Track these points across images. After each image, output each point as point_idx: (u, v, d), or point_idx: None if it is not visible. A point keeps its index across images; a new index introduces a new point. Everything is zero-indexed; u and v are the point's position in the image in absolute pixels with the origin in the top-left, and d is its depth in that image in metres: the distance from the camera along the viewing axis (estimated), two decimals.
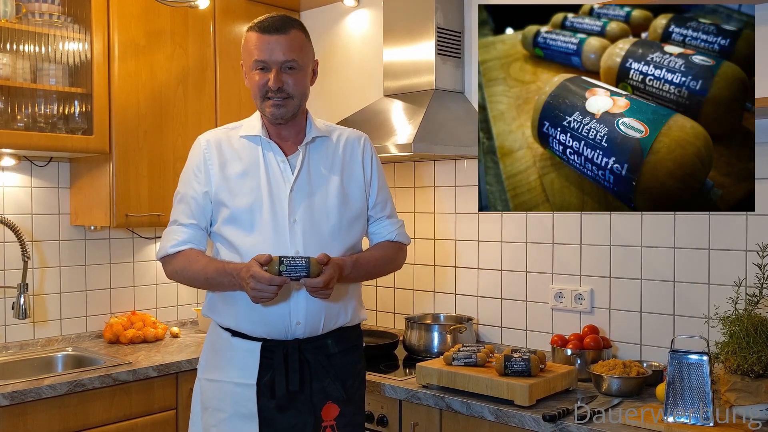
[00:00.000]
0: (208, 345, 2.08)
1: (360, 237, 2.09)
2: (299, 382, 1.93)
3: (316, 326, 1.95)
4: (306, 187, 1.99)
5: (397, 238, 2.15)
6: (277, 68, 1.92)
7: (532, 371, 2.19)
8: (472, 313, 3.03)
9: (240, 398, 1.93)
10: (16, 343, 2.95)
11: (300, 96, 1.97)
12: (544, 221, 2.81)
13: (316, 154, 2.04)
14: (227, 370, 1.97)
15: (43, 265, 3.05)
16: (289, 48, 1.93)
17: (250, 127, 2.04)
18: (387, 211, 2.15)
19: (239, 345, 1.97)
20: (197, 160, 2.02)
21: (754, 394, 1.92)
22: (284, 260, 1.80)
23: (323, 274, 1.82)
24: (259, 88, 1.95)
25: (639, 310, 2.57)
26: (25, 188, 3.01)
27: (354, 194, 2.05)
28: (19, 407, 2.35)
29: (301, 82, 1.97)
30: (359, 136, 2.14)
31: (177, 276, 2.02)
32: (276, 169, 1.99)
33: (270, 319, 1.93)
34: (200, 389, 2.05)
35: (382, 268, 2.14)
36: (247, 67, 1.98)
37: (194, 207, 2.00)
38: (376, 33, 3.33)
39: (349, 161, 2.07)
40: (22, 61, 2.74)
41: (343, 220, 2.01)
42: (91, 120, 2.85)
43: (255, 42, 1.94)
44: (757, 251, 2.11)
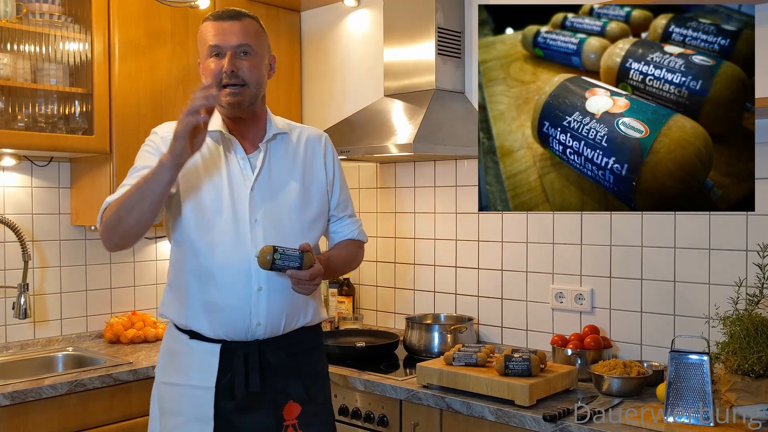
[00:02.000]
0: (165, 347, 2.03)
1: (319, 237, 2.07)
2: (260, 383, 1.90)
3: (277, 327, 1.93)
4: (267, 186, 1.96)
5: (358, 236, 2.17)
6: (231, 53, 1.90)
7: (533, 371, 2.19)
8: (473, 313, 3.03)
9: (198, 402, 1.90)
10: (17, 343, 2.95)
11: (256, 84, 1.94)
12: (545, 221, 2.81)
13: (277, 152, 2.02)
14: (186, 373, 1.93)
15: (43, 265, 3.05)
16: (243, 33, 1.92)
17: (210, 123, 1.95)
18: (348, 210, 2.16)
19: (198, 347, 1.93)
20: (158, 142, 1.97)
21: (755, 394, 1.92)
22: (278, 249, 1.77)
23: (312, 268, 1.80)
24: (215, 75, 1.90)
25: (639, 310, 2.57)
26: (25, 188, 3.01)
27: (315, 194, 2.04)
28: (19, 407, 2.35)
29: (256, 69, 1.94)
30: (320, 135, 2.13)
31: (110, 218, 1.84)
32: (236, 167, 1.95)
33: (229, 321, 1.90)
34: (158, 393, 2.01)
35: (346, 267, 2.17)
36: (203, 58, 1.96)
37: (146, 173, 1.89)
38: (376, 33, 3.33)
39: (310, 160, 2.06)
40: (23, 61, 2.74)
41: (304, 220, 2.00)
42: (92, 120, 2.85)
43: (209, 30, 1.93)
44: (757, 251, 2.11)
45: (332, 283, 3.40)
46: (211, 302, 1.91)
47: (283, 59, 3.51)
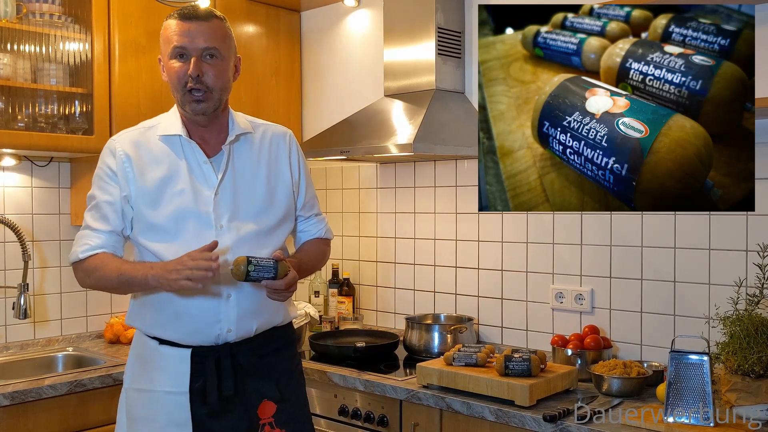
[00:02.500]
0: (134, 354, 2.00)
1: (286, 238, 2.05)
2: (234, 386, 1.88)
3: (248, 331, 1.92)
4: (231, 189, 1.91)
5: (326, 235, 2.16)
6: (197, 56, 1.84)
7: (533, 371, 2.19)
8: (473, 313, 3.03)
9: (173, 406, 1.88)
10: (17, 343, 2.95)
11: (220, 89, 1.88)
12: (545, 221, 2.81)
13: (240, 153, 1.96)
14: (157, 379, 1.90)
15: (43, 265, 3.05)
16: (210, 35, 1.85)
17: (168, 126, 1.94)
18: (315, 209, 2.14)
19: (168, 353, 1.90)
20: (113, 165, 1.91)
21: (755, 395, 1.92)
22: (252, 260, 1.74)
23: (287, 276, 1.78)
24: (179, 78, 1.85)
25: (639, 310, 2.57)
26: (25, 188, 3.01)
27: (281, 195, 2.00)
28: (19, 407, 2.35)
29: (222, 74, 1.88)
30: (284, 132, 2.08)
31: (88, 278, 1.89)
32: (199, 172, 1.90)
33: (200, 329, 1.87)
34: (127, 400, 1.97)
35: (316, 267, 2.16)
36: (165, 57, 1.89)
37: (109, 212, 1.90)
38: (376, 33, 3.33)
39: (275, 159, 2.02)
40: (23, 61, 2.74)
41: (271, 222, 1.96)
42: (92, 120, 2.85)
43: (174, 29, 1.86)
44: (757, 251, 2.11)
45: (332, 283, 3.40)
46: (180, 312, 1.88)
47: (283, 59, 3.51)
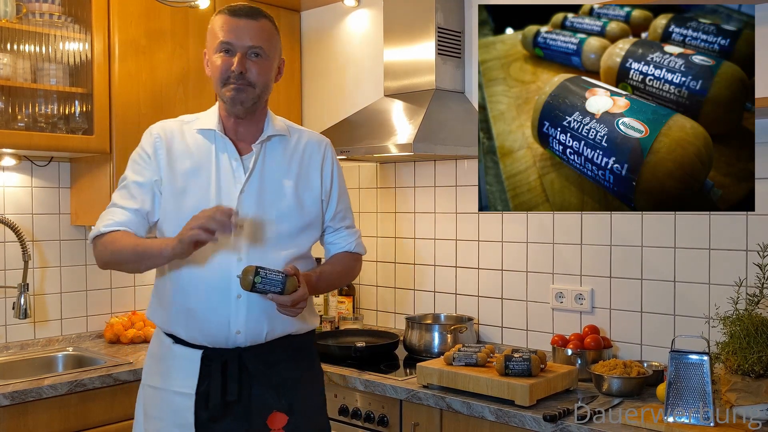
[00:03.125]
0: (151, 350, 2.01)
1: (309, 246, 2.00)
2: (239, 392, 1.86)
3: (258, 335, 1.88)
4: (257, 190, 1.90)
5: (356, 249, 2.09)
6: (242, 53, 1.85)
7: (533, 371, 2.19)
8: (473, 313, 3.03)
9: (179, 407, 1.87)
10: (17, 343, 2.95)
11: (262, 87, 1.89)
12: (545, 221, 2.81)
13: (272, 154, 1.95)
14: (168, 378, 1.91)
15: (43, 265, 3.05)
16: (257, 34, 1.86)
17: (206, 121, 1.95)
18: (347, 221, 2.09)
19: (180, 352, 1.90)
20: (148, 149, 1.94)
21: (755, 394, 1.92)
22: (261, 271, 1.71)
23: (295, 293, 1.75)
24: (222, 72, 1.86)
25: (639, 310, 2.57)
26: (25, 188, 3.01)
27: (308, 201, 1.97)
28: (19, 407, 2.35)
29: (266, 72, 1.89)
30: (320, 140, 2.05)
31: (105, 252, 1.88)
32: (227, 168, 1.90)
33: (208, 327, 1.86)
34: (143, 396, 1.99)
35: (341, 281, 2.12)
36: (210, 51, 1.90)
37: (137, 192, 1.90)
38: (376, 33, 3.33)
39: (306, 166, 1.99)
40: (23, 61, 2.74)
41: (293, 228, 1.93)
42: (92, 120, 2.85)
43: (222, 24, 1.86)
44: (757, 251, 2.11)
45: None
46: (191, 309, 1.87)
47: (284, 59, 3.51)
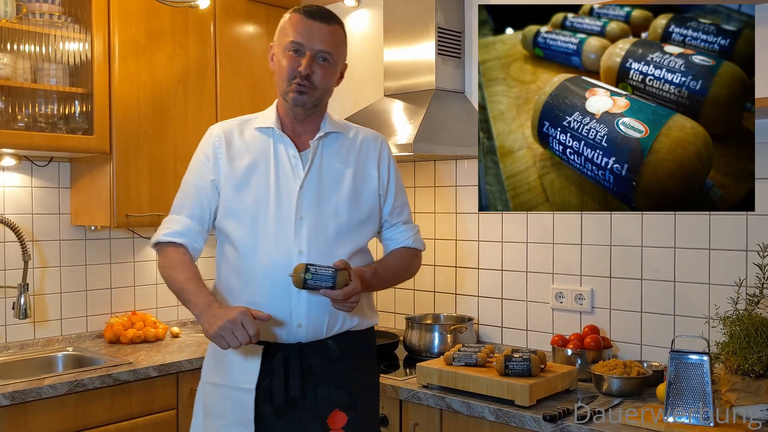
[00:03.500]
0: (211, 348, 2.02)
1: (367, 240, 2.02)
2: (301, 388, 1.87)
3: (319, 329, 1.89)
4: (316, 184, 1.93)
5: (413, 244, 2.11)
6: (311, 55, 1.88)
7: (533, 371, 2.19)
8: (473, 313, 3.03)
9: (239, 404, 1.88)
10: (17, 343, 2.95)
11: (324, 90, 1.93)
12: (544, 221, 2.81)
13: (330, 150, 1.98)
14: (228, 374, 1.92)
15: (43, 265, 3.05)
16: (329, 39, 1.90)
17: (264, 119, 1.99)
18: (404, 216, 2.10)
19: (241, 348, 1.88)
20: (207, 150, 1.98)
21: (755, 395, 1.92)
22: (311, 268, 1.73)
23: (347, 287, 1.76)
24: (289, 72, 1.89)
25: (639, 310, 2.57)
26: (25, 188, 3.01)
27: (366, 196, 2.00)
28: (19, 407, 2.35)
29: (330, 77, 1.93)
30: (376, 136, 2.08)
31: (162, 270, 1.96)
32: (287, 164, 1.93)
33: (271, 321, 1.86)
34: (202, 393, 2.00)
35: (399, 278, 2.11)
36: (279, 48, 1.92)
37: (196, 195, 1.95)
38: (376, 33, 3.33)
39: (363, 161, 2.02)
40: (23, 61, 2.74)
41: (352, 221, 1.95)
42: (92, 120, 2.85)
43: (296, 23, 1.89)
44: (757, 251, 2.11)
45: None
46: (252, 302, 1.87)
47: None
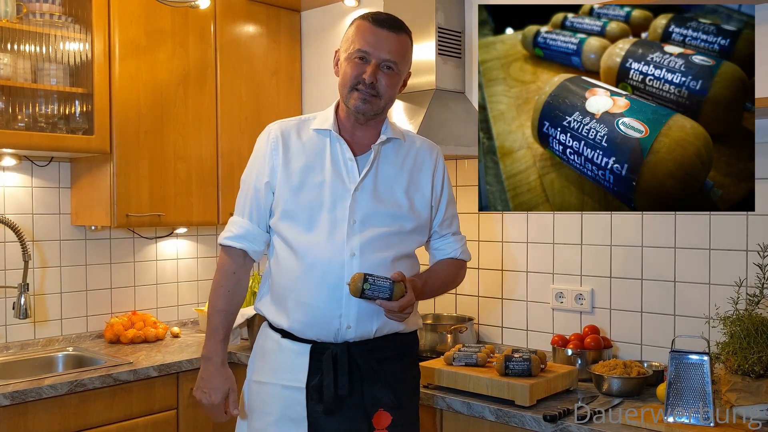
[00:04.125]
0: (258, 347, 2.04)
1: (416, 248, 2.05)
2: (349, 387, 1.88)
3: (368, 331, 1.91)
4: (371, 188, 1.94)
5: (461, 255, 2.14)
6: (376, 63, 1.88)
7: (533, 371, 2.19)
8: (473, 313, 3.03)
9: (288, 401, 1.90)
10: (17, 342, 2.96)
11: (387, 99, 1.93)
12: (545, 221, 2.81)
13: (386, 157, 1.99)
14: (276, 372, 1.94)
15: (43, 265, 3.05)
16: (395, 48, 1.89)
17: (323, 120, 1.99)
18: (453, 227, 2.14)
19: (289, 346, 1.93)
20: (263, 150, 1.99)
21: (755, 395, 1.92)
22: (369, 278, 1.75)
23: (403, 299, 1.79)
24: (352, 79, 1.89)
25: (639, 310, 2.57)
26: (25, 188, 3.01)
27: (419, 205, 2.01)
28: (19, 407, 2.35)
29: (394, 86, 1.93)
30: (432, 147, 2.09)
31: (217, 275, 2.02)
32: (342, 167, 1.94)
33: (320, 321, 1.89)
34: (249, 391, 2.03)
35: (446, 288, 2.15)
36: (346, 54, 1.92)
37: (255, 197, 1.98)
38: None
39: (418, 171, 2.03)
40: (23, 61, 2.74)
41: (404, 228, 1.97)
42: (92, 120, 2.85)
43: (364, 31, 1.89)
44: (757, 251, 2.11)
45: None
46: (303, 302, 1.90)
47: (284, 59, 3.51)
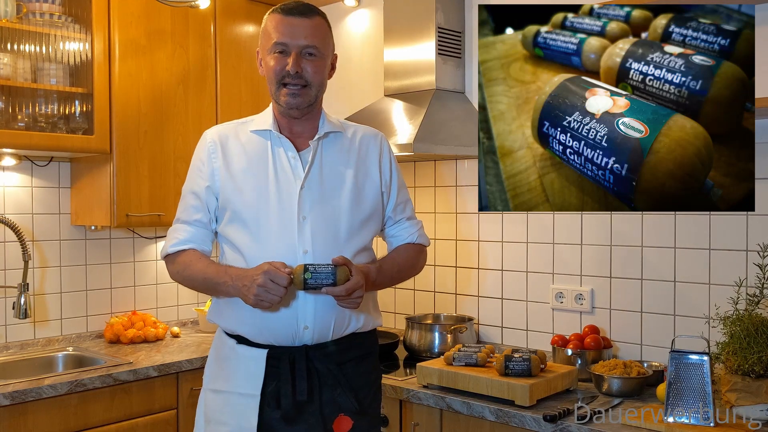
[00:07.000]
0: (213, 354, 1.99)
1: (371, 238, 2.00)
2: (308, 392, 1.83)
3: (325, 332, 1.86)
4: (318, 184, 1.90)
5: (418, 240, 2.08)
6: (296, 52, 1.84)
7: (533, 371, 2.19)
8: (473, 313, 3.03)
9: (244, 410, 1.84)
10: (17, 342, 2.96)
11: (317, 86, 1.89)
12: (545, 221, 2.81)
13: (329, 150, 1.95)
14: (232, 380, 1.88)
15: (43, 265, 3.05)
16: (312, 33, 1.85)
17: (261, 122, 1.96)
18: (407, 212, 2.09)
19: (244, 353, 1.88)
20: (201, 156, 1.95)
21: (755, 395, 1.92)
22: (309, 267, 1.71)
23: (348, 282, 1.73)
24: (276, 73, 1.85)
25: (639, 310, 2.57)
26: (25, 188, 3.01)
27: (368, 194, 1.97)
28: (19, 407, 2.35)
29: (320, 71, 1.89)
30: (375, 134, 2.06)
31: (178, 276, 1.95)
32: (286, 165, 1.90)
33: (276, 324, 1.84)
34: (204, 400, 1.96)
35: (404, 274, 2.08)
36: (264, 52, 1.90)
37: (195, 203, 1.93)
38: (376, 33, 3.33)
39: (364, 159, 1.99)
40: (23, 61, 2.74)
41: (355, 220, 1.92)
42: (92, 120, 2.85)
43: (276, 24, 1.86)
44: (757, 251, 2.11)
45: None
46: None
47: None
